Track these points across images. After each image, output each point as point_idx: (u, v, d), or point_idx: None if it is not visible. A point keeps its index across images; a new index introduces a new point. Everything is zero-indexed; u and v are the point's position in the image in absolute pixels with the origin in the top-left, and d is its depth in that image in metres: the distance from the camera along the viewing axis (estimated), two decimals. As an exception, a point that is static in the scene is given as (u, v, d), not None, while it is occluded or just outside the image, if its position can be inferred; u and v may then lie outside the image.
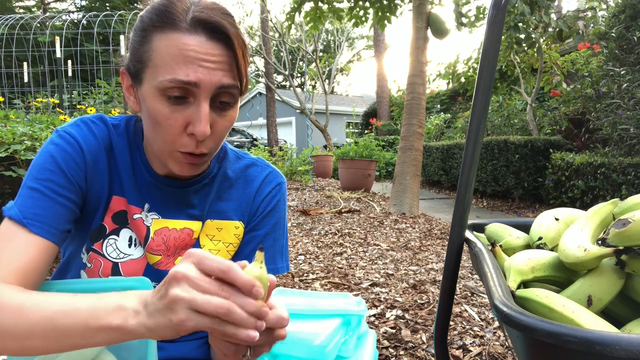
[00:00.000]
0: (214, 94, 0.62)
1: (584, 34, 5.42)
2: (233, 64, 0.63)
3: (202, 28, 0.60)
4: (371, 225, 3.87)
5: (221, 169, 0.80)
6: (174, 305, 0.45)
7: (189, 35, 0.60)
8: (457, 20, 5.06)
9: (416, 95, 4.51)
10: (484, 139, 2.18)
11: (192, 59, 0.59)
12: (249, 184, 0.81)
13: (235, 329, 0.46)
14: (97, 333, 0.49)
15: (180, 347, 0.78)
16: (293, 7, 5.63)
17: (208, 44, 0.60)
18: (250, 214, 0.81)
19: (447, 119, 10.40)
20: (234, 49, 0.62)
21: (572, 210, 0.85)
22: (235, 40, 0.62)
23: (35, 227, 0.61)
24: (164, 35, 0.60)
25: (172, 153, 0.66)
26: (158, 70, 0.61)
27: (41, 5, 11.40)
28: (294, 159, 8.76)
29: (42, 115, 3.28)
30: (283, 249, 0.83)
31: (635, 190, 3.59)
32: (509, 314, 0.51)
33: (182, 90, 0.61)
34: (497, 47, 0.79)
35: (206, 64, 0.60)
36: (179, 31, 0.60)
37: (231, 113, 0.67)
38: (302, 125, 19.43)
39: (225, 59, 0.62)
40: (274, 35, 12.59)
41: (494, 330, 1.70)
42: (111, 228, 0.73)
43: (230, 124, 0.68)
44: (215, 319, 0.45)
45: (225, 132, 0.68)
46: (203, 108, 0.61)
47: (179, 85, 0.60)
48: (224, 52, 0.61)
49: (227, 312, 0.45)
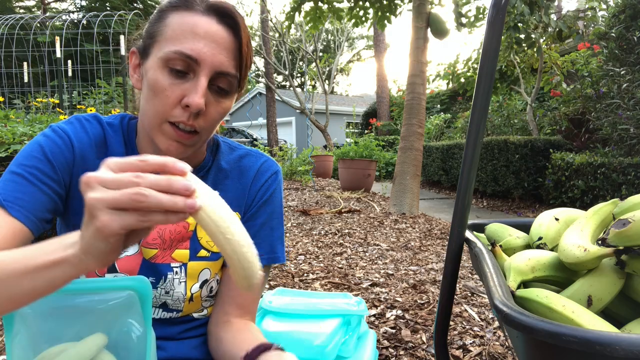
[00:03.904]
0: (212, 75, 0.64)
1: (584, 34, 5.42)
2: (237, 53, 0.66)
3: (215, 13, 0.64)
4: (371, 225, 3.87)
5: (215, 161, 0.80)
6: (93, 210, 0.42)
7: (202, 17, 0.64)
8: (457, 21, 5.06)
9: (416, 95, 4.51)
10: (484, 139, 2.18)
11: (200, 37, 0.63)
12: (244, 174, 0.81)
13: (164, 216, 0.42)
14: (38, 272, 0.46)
15: (180, 346, 0.78)
16: (293, 7, 5.63)
17: (218, 26, 0.64)
18: (247, 204, 0.81)
19: (447, 119, 10.40)
20: (241, 38, 0.66)
21: (572, 210, 0.85)
22: (243, 32, 0.66)
23: (14, 210, 0.61)
24: (178, 14, 0.64)
25: (163, 126, 0.66)
26: (166, 42, 0.64)
27: (41, 5, 11.40)
28: (294, 159, 8.76)
29: (42, 115, 3.29)
30: (281, 238, 0.84)
31: (635, 190, 3.59)
32: (509, 314, 0.51)
33: (184, 64, 0.63)
34: (497, 47, 0.79)
35: (212, 43, 0.63)
36: (194, 12, 0.64)
37: (226, 102, 0.69)
38: (302, 125, 19.44)
39: (230, 45, 0.65)
40: (274, 35, 12.59)
41: (494, 330, 1.70)
42: None
43: (224, 112, 0.69)
44: (139, 212, 0.42)
45: (217, 118, 0.69)
46: (201, 82, 0.63)
47: (182, 57, 0.62)
48: (231, 38, 0.65)
49: (144, 197, 0.41)
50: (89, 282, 0.55)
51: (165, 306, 0.76)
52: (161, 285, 0.74)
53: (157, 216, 0.42)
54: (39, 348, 0.55)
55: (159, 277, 0.74)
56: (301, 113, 12.00)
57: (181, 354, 0.79)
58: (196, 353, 0.81)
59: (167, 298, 0.75)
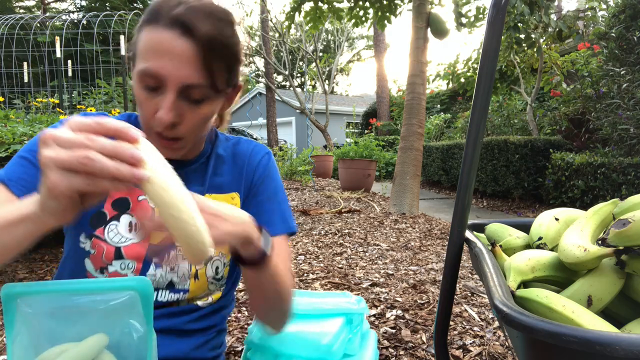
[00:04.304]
0: (180, 88, 0.65)
1: (583, 34, 5.42)
2: (201, 64, 0.64)
3: (178, 25, 0.63)
4: (371, 225, 3.87)
5: (214, 148, 0.86)
6: (45, 168, 0.43)
7: (165, 31, 0.63)
8: (457, 21, 5.05)
9: (416, 95, 4.51)
10: (484, 139, 2.17)
11: (163, 53, 0.63)
12: (238, 158, 0.87)
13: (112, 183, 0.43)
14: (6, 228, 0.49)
15: (181, 345, 0.79)
16: (293, 7, 5.63)
17: (180, 39, 0.63)
18: (248, 184, 0.86)
19: (447, 119, 10.40)
20: (204, 49, 0.64)
21: (572, 210, 0.85)
22: (208, 41, 0.64)
23: (16, 189, 0.67)
24: (147, 29, 0.65)
25: (150, 132, 0.70)
26: (139, 59, 0.66)
27: (41, 5, 11.40)
28: (294, 159, 8.75)
29: (42, 115, 3.29)
30: (290, 211, 0.87)
31: (635, 190, 3.59)
32: (509, 314, 0.51)
33: (153, 81, 0.65)
34: (497, 47, 0.79)
35: (175, 59, 0.63)
36: (160, 27, 0.64)
37: (204, 108, 0.69)
38: (302, 125, 19.43)
39: (194, 56, 0.64)
40: (274, 35, 12.59)
41: (494, 330, 1.70)
42: (111, 214, 0.76)
43: (206, 116, 0.71)
44: (88, 175, 0.42)
45: (199, 123, 0.71)
46: (167, 98, 0.65)
47: (149, 75, 0.64)
48: (195, 50, 0.63)
49: (90, 162, 0.41)
50: (90, 283, 0.55)
51: (171, 286, 0.77)
52: (165, 262, 0.76)
53: (104, 182, 0.43)
54: (40, 348, 0.55)
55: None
56: (301, 113, 11.99)
57: (181, 354, 0.79)
58: (196, 353, 0.81)
59: (172, 276, 0.77)
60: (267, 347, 0.86)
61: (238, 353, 1.51)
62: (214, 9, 0.66)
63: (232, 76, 0.71)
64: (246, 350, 0.90)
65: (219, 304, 0.85)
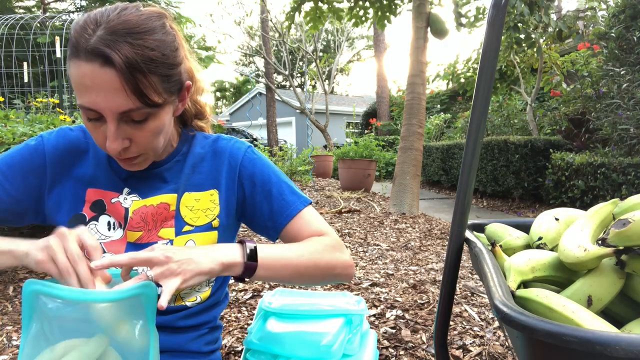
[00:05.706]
0: (118, 117, 0.66)
1: (583, 34, 5.42)
2: (129, 89, 0.63)
3: (96, 56, 0.62)
4: (371, 225, 3.87)
5: (191, 147, 0.87)
6: (45, 248, 0.59)
7: (86, 64, 0.62)
8: (456, 21, 5.05)
9: (416, 95, 4.51)
10: (484, 139, 2.18)
11: (89, 87, 0.63)
12: (219, 155, 0.87)
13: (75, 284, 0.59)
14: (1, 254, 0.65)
15: (176, 338, 0.80)
16: (293, 7, 5.63)
17: (101, 70, 0.62)
18: (232, 181, 0.86)
19: (447, 119, 10.40)
20: (127, 74, 0.62)
21: (572, 210, 0.85)
22: (129, 65, 0.62)
23: None
24: (72, 63, 0.64)
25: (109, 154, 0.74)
26: (75, 92, 0.66)
27: (41, 5, 11.39)
28: (294, 159, 8.75)
29: (42, 115, 3.29)
30: (290, 188, 0.87)
31: (635, 190, 3.59)
32: (509, 314, 0.51)
33: (93, 113, 0.66)
34: (497, 47, 0.79)
35: (101, 91, 0.63)
36: (80, 60, 0.63)
37: (150, 124, 0.70)
38: (302, 125, 19.44)
39: (120, 85, 0.63)
40: (274, 35, 12.60)
41: (494, 330, 1.70)
42: (90, 216, 0.80)
43: (154, 132, 0.71)
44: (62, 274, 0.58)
45: (151, 138, 0.72)
46: (109, 129, 0.67)
47: (86, 109, 0.66)
48: (119, 77, 0.62)
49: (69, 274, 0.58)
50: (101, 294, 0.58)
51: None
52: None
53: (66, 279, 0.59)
54: (53, 339, 0.59)
55: None
56: (301, 113, 12.00)
57: (177, 346, 0.81)
58: (193, 346, 0.83)
59: None
60: (266, 347, 0.86)
61: (238, 353, 1.51)
62: (131, 25, 0.64)
63: (173, 82, 0.70)
64: (245, 351, 0.90)
65: (209, 302, 0.85)
